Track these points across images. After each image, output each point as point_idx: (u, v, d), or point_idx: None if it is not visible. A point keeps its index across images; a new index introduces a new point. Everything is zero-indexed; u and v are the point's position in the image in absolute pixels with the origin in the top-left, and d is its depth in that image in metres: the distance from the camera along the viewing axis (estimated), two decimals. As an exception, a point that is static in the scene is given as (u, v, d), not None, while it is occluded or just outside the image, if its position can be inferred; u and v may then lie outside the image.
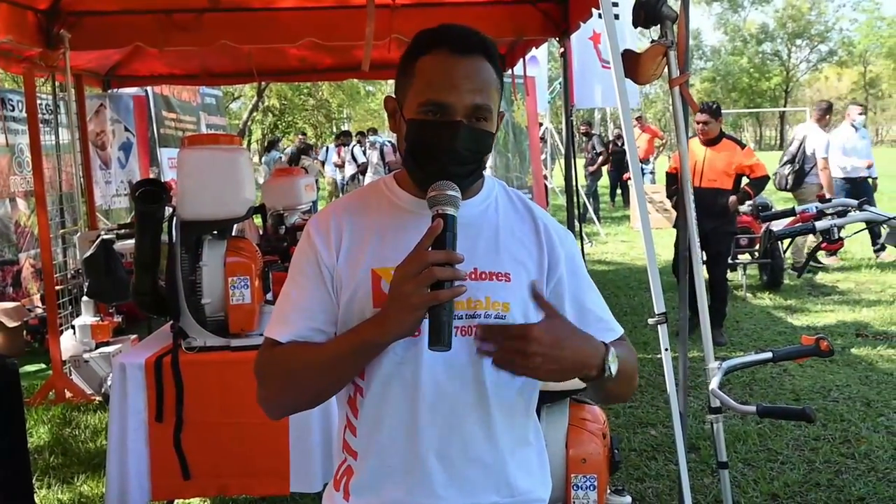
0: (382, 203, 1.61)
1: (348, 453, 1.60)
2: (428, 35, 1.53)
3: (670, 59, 3.09)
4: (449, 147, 1.48)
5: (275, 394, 1.58)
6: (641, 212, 3.08)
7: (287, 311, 1.58)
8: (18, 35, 5.62)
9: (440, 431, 1.53)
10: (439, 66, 1.49)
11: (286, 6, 6.23)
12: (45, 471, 4.68)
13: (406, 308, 1.37)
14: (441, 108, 1.47)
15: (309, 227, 1.61)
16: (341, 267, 1.55)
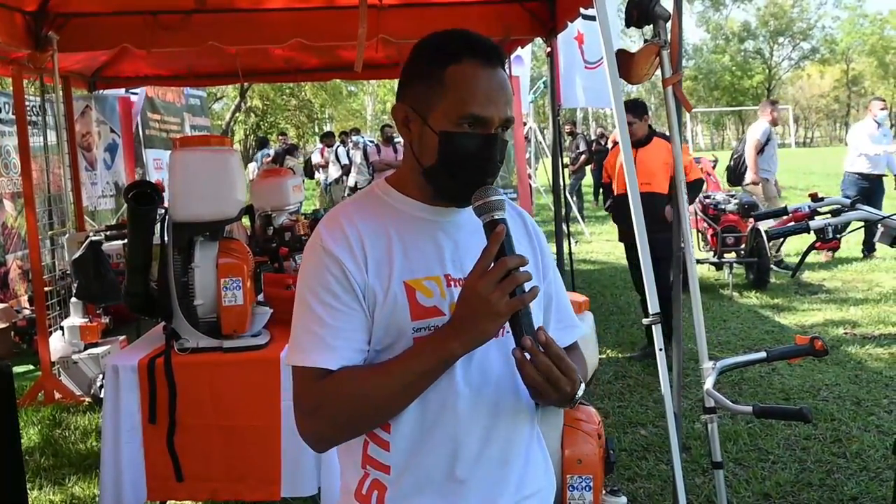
0: (389, 212, 1.57)
1: (376, 468, 1.56)
2: (454, 42, 1.51)
3: (663, 58, 3.10)
4: (489, 158, 1.49)
5: (337, 427, 1.50)
6: (635, 212, 3.09)
7: (324, 335, 1.48)
8: (6, 37, 5.60)
9: (480, 437, 1.53)
10: (474, 78, 1.48)
11: (273, 7, 6.23)
12: (37, 472, 4.67)
13: (492, 316, 1.37)
14: (480, 121, 1.48)
15: (324, 241, 1.52)
16: (372, 282, 1.49)
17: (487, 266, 1.39)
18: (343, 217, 1.55)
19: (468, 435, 1.52)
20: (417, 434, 1.52)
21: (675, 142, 3.15)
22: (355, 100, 45.02)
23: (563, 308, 1.74)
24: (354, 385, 1.46)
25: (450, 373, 1.49)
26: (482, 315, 1.37)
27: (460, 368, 1.50)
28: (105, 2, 5.95)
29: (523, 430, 1.62)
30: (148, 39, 6.10)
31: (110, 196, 10.08)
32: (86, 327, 6.14)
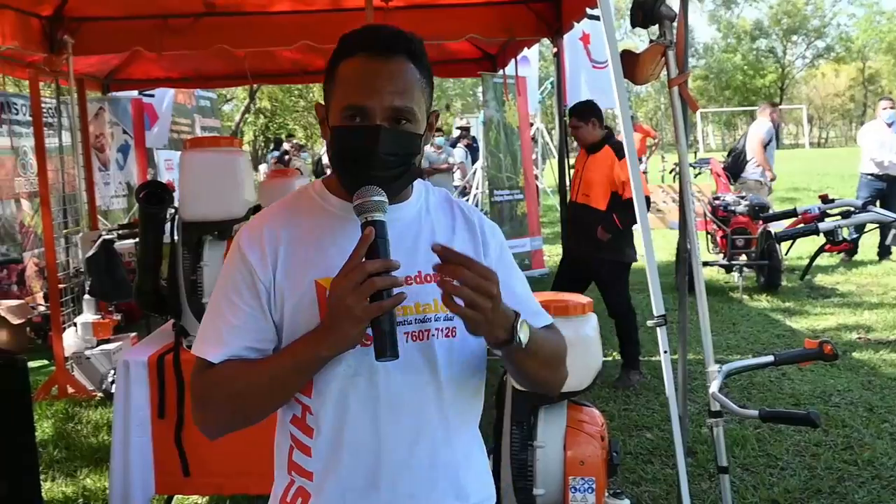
0: (315, 210, 1.57)
1: (300, 474, 1.55)
2: (349, 38, 1.50)
3: (669, 58, 3.12)
4: (370, 152, 1.44)
5: (215, 416, 1.53)
6: (640, 213, 3.11)
7: (219, 329, 1.50)
8: (23, 41, 5.71)
9: (405, 442, 1.50)
10: (359, 70, 1.46)
11: (280, 10, 6.28)
12: (50, 465, 4.75)
13: (349, 321, 1.34)
14: (360, 112, 1.45)
15: (240, 241, 1.54)
16: (281, 281, 1.49)
17: (351, 269, 1.36)
18: (264, 219, 1.57)
19: (391, 440, 1.49)
20: (338, 439, 1.50)
21: (680, 141, 3.17)
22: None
23: (521, 301, 1.63)
24: (230, 380, 1.47)
25: (371, 376, 1.47)
26: (341, 319, 1.35)
27: (382, 372, 1.47)
28: (117, 6, 6.05)
29: (459, 434, 1.58)
30: (159, 42, 6.18)
31: (122, 196, 10.18)
32: (98, 324, 6.22)
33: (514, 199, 10.65)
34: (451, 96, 50.58)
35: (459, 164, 15.14)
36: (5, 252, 8.21)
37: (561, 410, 3.02)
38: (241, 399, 1.48)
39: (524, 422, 3.00)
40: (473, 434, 1.64)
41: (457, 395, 1.55)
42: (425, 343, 1.51)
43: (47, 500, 4.27)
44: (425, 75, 1.51)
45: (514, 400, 3.01)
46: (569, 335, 2.87)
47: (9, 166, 8.25)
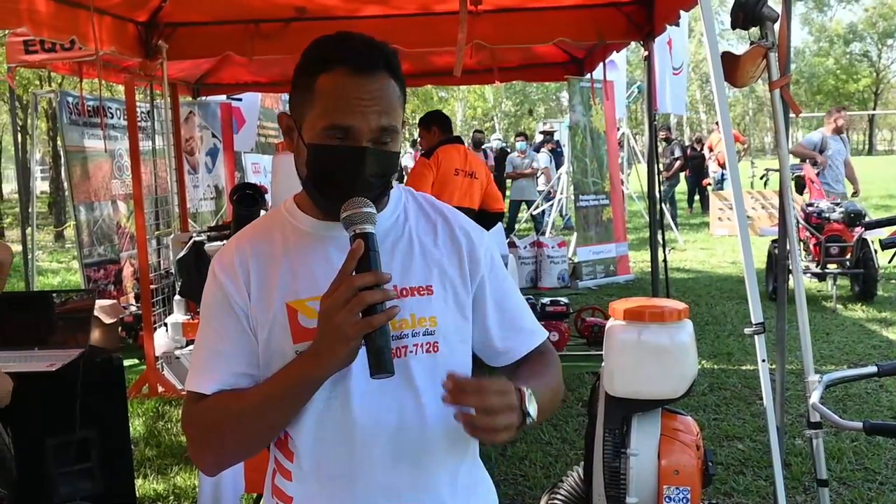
0: (286, 230, 1.50)
1: (280, 499, 1.50)
2: (326, 49, 1.42)
3: (770, 61, 3.03)
4: (355, 174, 1.38)
5: (208, 451, 1.46)
6: (739, 217, 3.02)
7: (206, 360, 1.45)
8: (120, 46, 5.89)
9: (383, 466, 1.43)
10: (341, 86, 1.38)
11: (369, 14, 6.34)
12: (141, 462, 4.87)
13: (340, 339, 1.28)
14: (345, 131, 1.38)
15: (214, 266, 1.48)
16: (255, 305, 1.43)
17: (340, 284, 1.30)
18: (237, 241, 1.51)
19: (371, 462, 1.43)
20: (315, 464, 1.45)
21: (781, 145, 3.07)
22: (446, 105, 45.27)
23: (512, 314, 1.59)
24: (216, 411, 1.41)
25: (345, 399, 1.41)
26: (330, 338, 1.29)
27: (357, 394, 1.41)
28: (211, 12, 6.18)
29: (445, 457, 1.49)
30: (250, 47, 6.29)
31: (211, 198, 10.41)
32: (188, 324, 6.37)
33: (599, 204, 10.56)
34: (534, 101, 50.42)
35: (543, 169, 15.06)
36: (102, 252, 8.50)
37: (655, 418, 2.94)
38: (236, 429, 1.41)
39: (617, 429, 2.94)
40: (464, 455, 1.54)
41: (439, 414, 1.43)
42: (401, 360, 1.42)
43: (140, 496, 4.38)
44: (402, 89, 1.45)
45: (606, 407, 2.96)
46: (664, 342, 2.86)
47: (106, 169, 8.54)
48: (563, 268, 10.53)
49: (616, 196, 10.98)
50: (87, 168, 8.28)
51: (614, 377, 2.90)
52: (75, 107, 7.91)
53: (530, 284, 10.43)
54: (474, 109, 47.46)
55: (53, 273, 13.47)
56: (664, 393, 2.85)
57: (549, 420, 5.34)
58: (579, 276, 10.36)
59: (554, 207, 14.04)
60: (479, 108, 48.01)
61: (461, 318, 1.51)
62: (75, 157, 8.13)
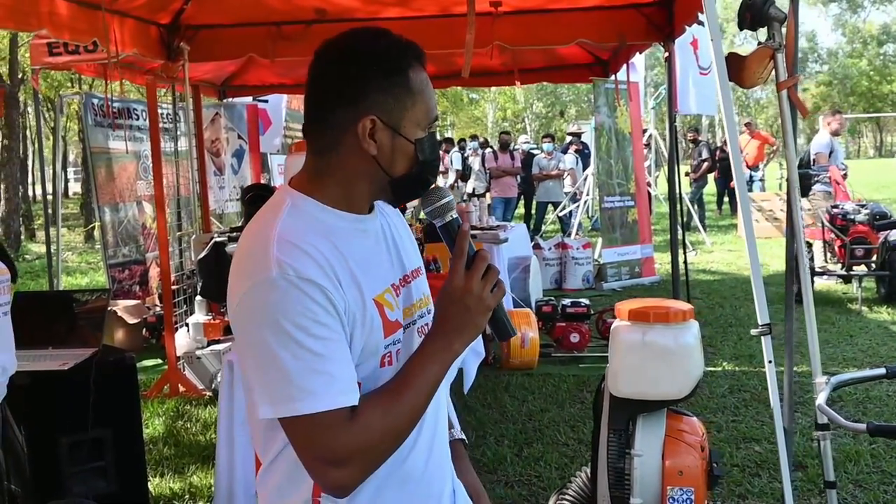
0: (324, 228, 1.43)
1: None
2: (399, 49, 1.46)
3: (778, 61, 3.01)
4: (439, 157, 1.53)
5: (374, 466, 1.39)
6: (745, 219, 3.01)
7: (332, 371, 1.33)
8: (143, 48, 5.97)
9: (427, 441, 1.53)
10: (427, 81, 1.48)
11: (390, 16, 6.37)
12: (159, 461, 4.91)
13: (485, 311, 1.40)
14: (434, 123, 1.51)
15: (297, 269, 1.33)
16: (352, 304, 1.38)
17: (464, 265, 1.40)
18: (295, 235, 1.38)
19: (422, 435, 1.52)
20: None
21: (788, 146, 3.05)
22: (476, 107, 45.28)
23: None
24: (389, 413, 1.36)
25: None
26: (476, 311, 1.39)
27: None
28: (232, 14, 6.26)
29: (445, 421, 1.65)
30: (272, 49, 6.36)
31: (236, 200, 10.50)
32: (209, 324, 6.43)
33: (624, 205, 10.52)
34: (565, 102, 50.26)
35: (569, 171, 15.02)
36: (127, 253, 8.61)
37: (660, 419, 2.94)
38: (400, 428, 1.39)
39: (622, 430, 2.93)
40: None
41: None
42: None
43: (155, 495, 4.42)
44: None
45: (611, 408, 2.95)
46: (668, 343, 2.86)
47: (131, 170, 8.65)
48: (588, 269, 10.50)
49: (641, 198, 10.93)
50: (112, 169, 8.39)
51: (618, 378, 2.90)
52: (100, 108, 8.03)
53: (555, 286, 10.42)
54: (504, 111, 47.40)
55: (82, 273, 13.67)
56: (668, 393, 2.84)
57: (566, 421, 5.34)
58: (604, 278, 10.33)
59: (580, 209, 14.00)
60: (508, 110, 47.94)
61: None
62: (100, 158, 8.25)
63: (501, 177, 14.36)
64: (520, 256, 8.61)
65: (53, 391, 3.52)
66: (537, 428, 5.30)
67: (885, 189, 24.66)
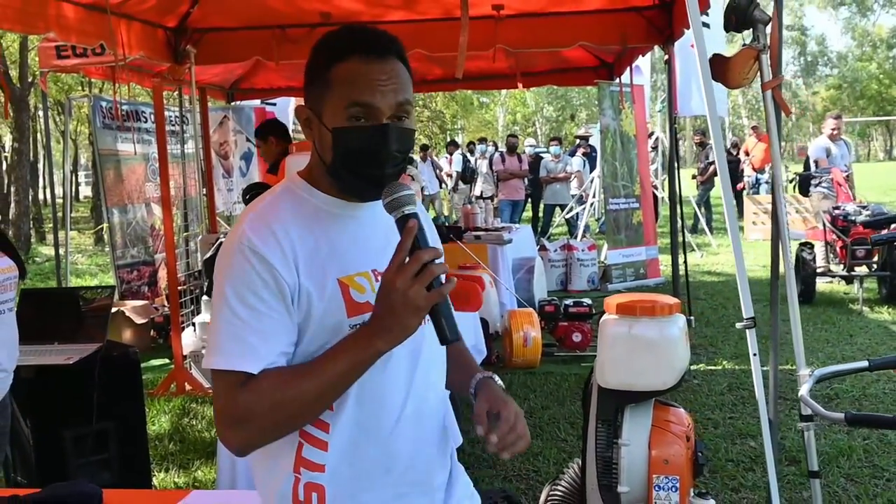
0: (312, 209, 1.54)
1: (310, 469, 1.53)
2: (339, 41, 1.51)
3: (762, 62, 3.09)
4: (382, 150, 1.47)
5: (259, 430, 1.46)
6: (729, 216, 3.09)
7: (246, 339, 1.43)
8: (149, 51, 6.09)
9: (411, 425, 1.58)
10: (358, 72, 1.46)
11: (394, 19, 6.47)
12: (165, 456, 5.01)
13: (414, 311, 1.37)
14: (367, 109, 1.46)
15: (251, 241, 1.45)
16: (305, 282, 1.46)
17: (402, 260, 1.37)
18: (270, 216, 1.50)
19: (403, 423, 1.56)
20: (356, 429, 1.53)
21: (773, 145, 3.13)
22: (487, 110, 45.37)
23: None
24: (281, 390, 1.42)
25: (383, 364, 1.49)
26: (402, 310, 1.37)
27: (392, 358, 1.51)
28: (238, 17, 6.36)
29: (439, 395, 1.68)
30: (277, 52, 6.46)
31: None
32: (216, 323, 6.52)
33: (629, 207, 10.59)
34: (575, 106, 50.32)
35: (577, 173, 15.10)
36: (136, 254, 8.72)
37: (647, 410, 3.02)
38: (291, 407, 1.44)
39: (610, 420, 3.01)
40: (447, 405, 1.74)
41: (440, 367, 1.68)
42: (422, 326, 1.55)
43: (160, 489, 4.49)
44: (411, 75, 1.55)
45: (599, 399, 3.04)
46: (653, 335, 2.94)
47: (139, 172, 8.78)
48: (593, 270, 10.57)
49: (646, 200, 10.99)
50: (120, 171, 8.51)
51: (605, 369, 2.98)
52: (108, 111, 8.15)
53: (560, 287, 10.49)
54: (514, 114, 47.47)
55: (91, 276, 13.80)
56: (654, 384, 2.92)
57: (566, 418, 5.42)
58: (609, 279, 10.39)
59: (586, 211, 14.07)
60: (518, 113, 48.02)
61: None
62: (108, 160, 8.37)
63: (509, 179, 14.44)
64: (524, 258, 8.70)
65: (59, 385, 3.62)
66: (537, 424, 5.38)
67: (894, 192, 24.61)
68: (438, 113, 35.38)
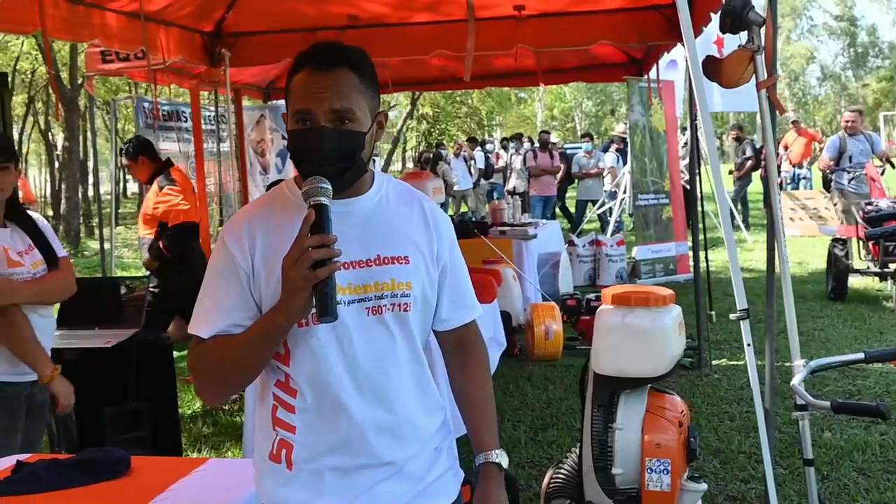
0: (287, 203, 1.77)
1: (283, 428, 1.77)
2: (300, 57, 1.73)
3: (757, 63, 3.21)
4: (316, 149, 1.67)
5: (207, 384, 1.83)
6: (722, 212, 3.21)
7: (208, 310, 1.73)
8: (187, 55, 6.37)
9: (368, 402, 1.74)
10: (305, 80, 1.69)
11: (419, 21, 6.65)
12: (197, 438, 5.30)
13: (294, 290, 1.57)
14: (307, 115, 1.68)
15: (223, 234, 1.78)
16: (259, 267, 1.71)
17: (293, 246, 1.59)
18: (243, 214, 1.81)
19: (360, 399, 1.74)
20: (316, 399, 1.74)
21: (768, 143, 3.25)
22: (526, 106, 45.39)
23: (458, 289, 1.94)
24: (215, 351, 1.71)
25: (340, 345, 1.72)
26: (288, 290, 1.59)
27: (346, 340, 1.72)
28: (270, 21, 6.61)
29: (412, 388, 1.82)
30: (307, 54, 6.67)
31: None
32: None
33: (658, 203, 10.62)
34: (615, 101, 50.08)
35: (610, 169, 15.16)
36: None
37: (641, 396, 3.16)
38: (224, 367, 1.73)
39: (605, 405, 3.17)
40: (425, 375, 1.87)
41: (411, 354, 1.81)
42: (380, 316, 1.75)
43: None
44: (367, 81, 1.73)
45: (595, 385, 3.19)
46: (646, 324, 3.10)
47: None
48: (622, 266, 10.65)
49: (676, 195, 11.02)
50: (161, 169, 8.80)
51: (600, 356, 3.13)
52: (150, 111, 8.46)
53: (588, 282, 10.59)
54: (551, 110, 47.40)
55: (136, 268, 14.19)
56: (645, 371, 3.06)
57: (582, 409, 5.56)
58: (638, 275, 10.46)
59: (617, 206, 14.12)
60: (556, 109, 47.92)
61: (429, 288, 1.83)
62: (150, 158, 8.67)
63: (541, 175, 14.55)
64: (550, 252, 8.83)
65: (99, 366, 3.89)
66: (554, 415, 5.53)
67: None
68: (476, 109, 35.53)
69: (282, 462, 1.76)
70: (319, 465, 1.75)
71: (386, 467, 1.77)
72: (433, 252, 1.85)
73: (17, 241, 3.11)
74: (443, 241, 1.88)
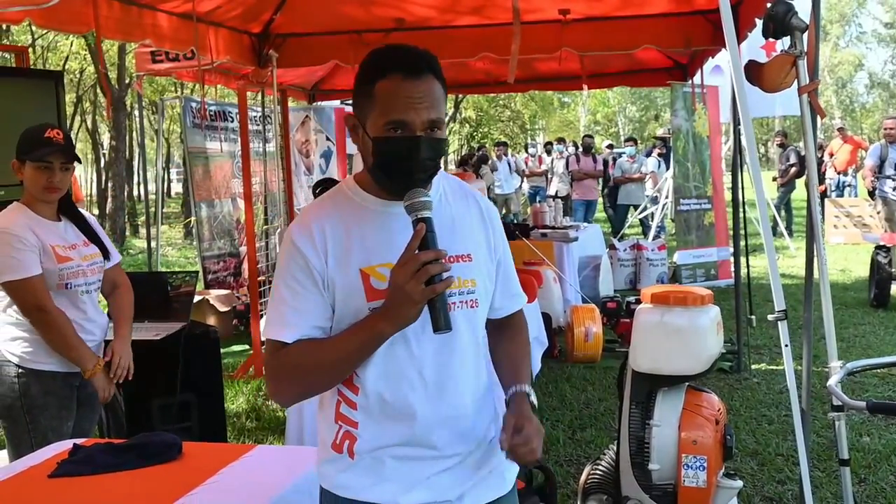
0: (353, 207, 1.79)
1: (346, 423, 1.81)
2: (381, 60, 1.72)
3: (799, 68, 3.24)
4: (415, 158, 1.68)
5: (290, 390, 1.81)
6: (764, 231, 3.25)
7: (285, 314, 1.74)
8: (235, 55, 6.50)
9: (431, 399, 1.78)
10: (396, 88, 1.68)
11: (464, 24, 6.72)
12: (241, 431, 5.43)
13: (409, 303, 1.60)
14: (402, 125, 1.68)
15: (292, 236, 1.77)
16: (332, 270, 1.73)
17: (407, 259, 1.60)
18: (311, 215, 1.80)
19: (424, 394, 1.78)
20: (378, 396, 1.77)
21: (808, 149, 3.28)
22: (569, 110, 45.24)
23: (510, 279, 1.99)
24: (301, 357, 1.73)
25: (405, 343, 1.75)
26: (400, 302, 1.61)
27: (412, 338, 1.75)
28: (318, 23, 6.72)
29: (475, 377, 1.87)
30: (354, 56, 6.77)
31: (324, 198, 11.02)
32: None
33: (701, 208, 10.60)
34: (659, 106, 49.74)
35: (651, 174, 15.11)
36: (222, 246, 9.23)
37: (679, 394, 3.21)
38: (311, 374, 1.75)
39: (643, 402, 3.22)
40: (486, 371, 1.92)
41: (475, 348, 1.86)
42: (467, 311, 1.81)
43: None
44: (444, 88, 1.75)
45: (633, 382, 3.24)
46: (683, 323, 3.15)
47: (227, 169, 9.28)
48: (663, 270, 10.64)
49: (718, 200, 10.97)
50: (208, 168, 9.01)
51: (637, 354, 3.19)
52: (198, 111, 8.65)
53: (629, 286, 10.60)
54: (594, 114, 47.19)
55: (180, 267, 14.47)
56: (683, 369, 3.12)
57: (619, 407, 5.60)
58: (679, 279, 10.44)
59: (658, 211, 14.08)
60: (599, 113, 47.71)
61: (489, 281, 1.90)
62: (197, 158, 8.88)
63: (583, 179, 14.56)
64: (591, 255, 8.86)
65: (147, 358, 4.01)
66: (592, 415, 5.58)
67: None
68: (519, 113, 35.51)
69: (343, 452, 1.82)
70: (381, 454, 1.80)
71: (446, 460, 1.82)
72: (490, 247, 1.90)
73: (70, 235, 3.26)
74: (497, 235, 1.93)
